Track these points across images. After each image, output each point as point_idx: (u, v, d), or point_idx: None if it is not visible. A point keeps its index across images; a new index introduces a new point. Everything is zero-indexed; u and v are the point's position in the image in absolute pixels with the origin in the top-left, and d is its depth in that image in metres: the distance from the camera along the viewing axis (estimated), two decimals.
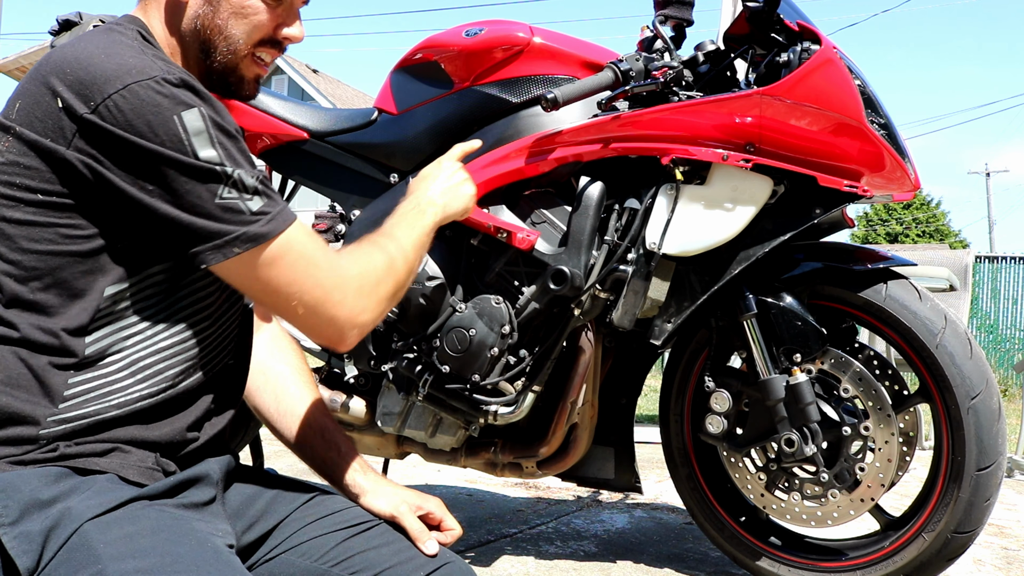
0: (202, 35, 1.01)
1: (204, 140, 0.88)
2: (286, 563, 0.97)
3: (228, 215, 0.89)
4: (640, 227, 1.71)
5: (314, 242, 0.96)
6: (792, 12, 1.72)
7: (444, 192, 1.20)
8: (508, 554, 2.09)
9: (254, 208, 0.90)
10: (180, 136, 0.87)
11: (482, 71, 1.81)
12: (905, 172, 1.67)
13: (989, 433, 1.65)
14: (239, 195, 0.90)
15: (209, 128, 0.89)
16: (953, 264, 4.24)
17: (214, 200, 0.88)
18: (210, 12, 1.00)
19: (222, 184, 0.89)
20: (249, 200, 0.90)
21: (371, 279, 0.99)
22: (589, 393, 1.88)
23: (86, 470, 0.86)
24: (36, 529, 0.78)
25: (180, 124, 0.87)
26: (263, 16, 1.02)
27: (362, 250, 1.02)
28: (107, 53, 0.88)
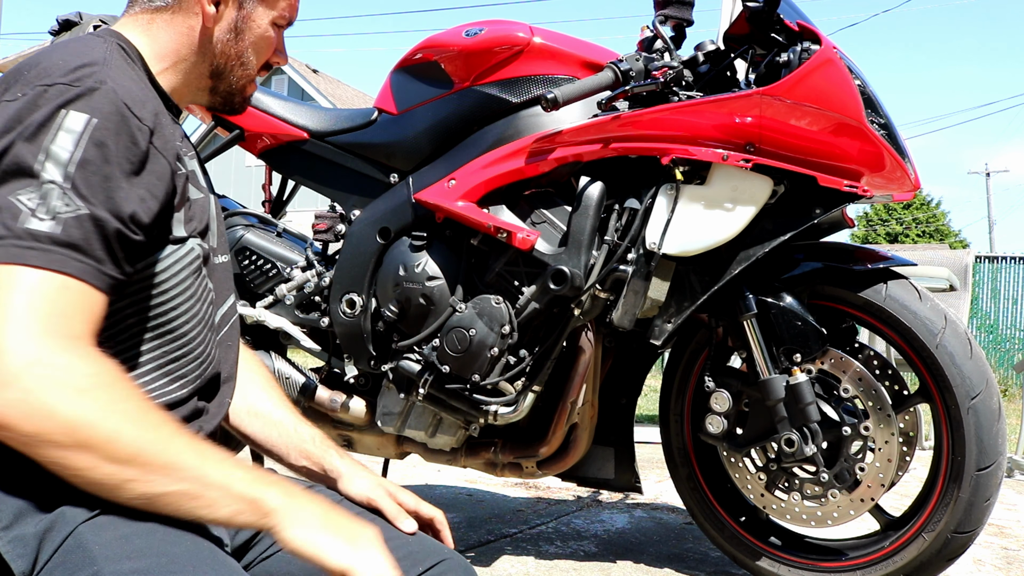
0: (220, 59, 1.02)
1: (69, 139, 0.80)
2: (283, 560, 0.97)
3: (4, 215, 0.76)
4: (640, 227, 1.71)
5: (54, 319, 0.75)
6: (792, 12, 1.72)
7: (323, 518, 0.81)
8: (508, 554, 2.09)
9: (30, 226, 0.76)
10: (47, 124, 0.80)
11: (482, 71, 1.81)
12: (905, 172, 1.67)
13: (989, 433, 1.65)
14: (33, 206, 0.77)
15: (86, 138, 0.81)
16: (953, 264, 4.24)
17: (7, 196, 0.77)
18: (232, 39, 1.02)
19: (31, 185, 0.77)
20: (37, 218, 0.76)
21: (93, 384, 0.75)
22: (589, 393, 1.88)
23: None
24: (30, 533, 0.78)
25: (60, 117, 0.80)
26: (273, 44, 1.07)
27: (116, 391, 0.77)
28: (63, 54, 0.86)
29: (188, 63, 1.02)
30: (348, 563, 0.78)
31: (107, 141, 0.82)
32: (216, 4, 1.01)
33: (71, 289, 0.77)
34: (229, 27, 1.02)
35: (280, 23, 1.07)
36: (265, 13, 1.05)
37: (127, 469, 0.74)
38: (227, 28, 1.02)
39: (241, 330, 1.54)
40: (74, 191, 0.79)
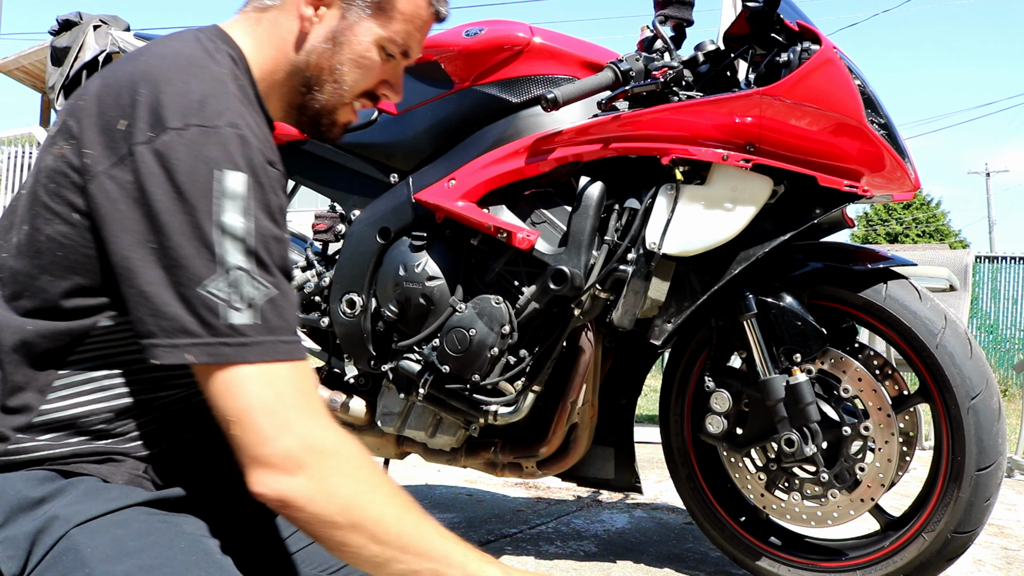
0: (312, 70, 0.96)
1: (237, 207, 0.78)
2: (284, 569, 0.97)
3: (203, 312, 0.76)
4: (640, 227, 1.71)
5: (295, 377, 0.79)
6: (792, 12, 1.72)
7: None
8: (508, 554, 2.09)
9: (234, 321, 0.77)
10: (210, 194, 0.77)
11: (482, 71, 1.81)
12: (905, 172, 1.67)
13: (989, 433, 1.65)
14: (228, 297, 0.77)
15: (251, 200, 0.79)
16: (953, 264, 4.24)
17: (196, 288, 0.76)
18: (329, 51, 0.96)
19: (217, 274, 0.77)
20: (235, 309, 0.77)
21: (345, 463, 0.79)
22: (589, 393, 1.88)
23: (72, 472, 0.83)
24: (22, 533, 0.77)
25: (220, 182, 0.78)
26: (376, 69, 0.99)
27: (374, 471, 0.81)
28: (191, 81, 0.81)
29: (284, 72, 0.96)
30: None
31: (266, 200, 0.81)
32: (316, 7, 0.95)
33: (292, 370, 0.79)
34: (327, 36, 0.95)
35: (390, 48, 0.99)
36: (370, 30, 0.96)
37: (388, 549, 0.79)
38: (325, 36, 0.95)
39: None
40: (259, 268, 0.79)
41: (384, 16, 0.97)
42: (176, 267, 0.76)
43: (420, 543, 0.80)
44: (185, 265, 0.76)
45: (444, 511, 2.57)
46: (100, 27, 2.26)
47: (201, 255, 0.76)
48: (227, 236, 0.77)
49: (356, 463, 0.80)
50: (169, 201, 0.77)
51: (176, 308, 0.76)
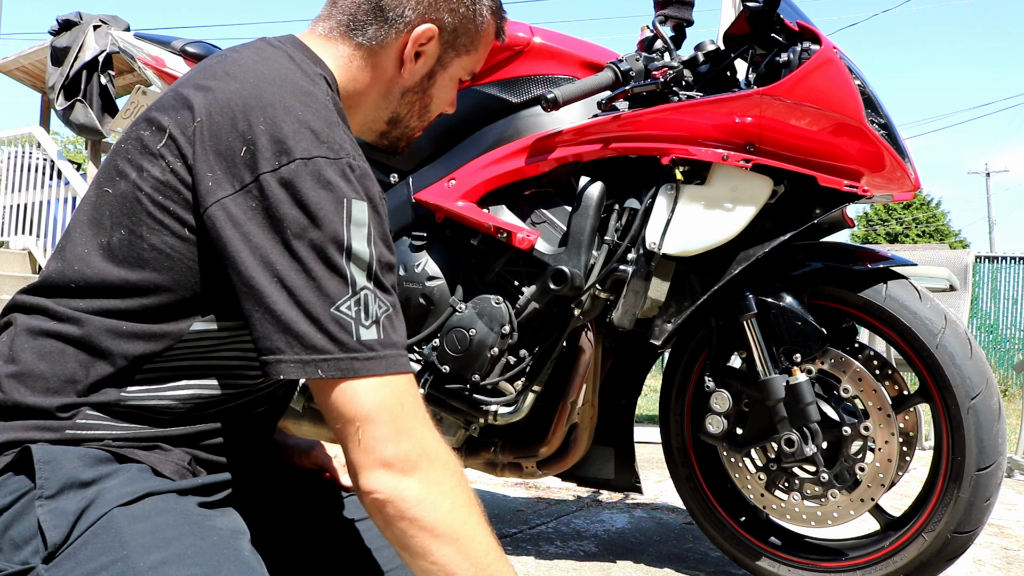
0: (401, 108, 1.03)
1: (362, 235, 0.83)
2: None
3: (334, 330, 0.81)
4: (640, 227, 1.71)
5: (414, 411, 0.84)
6: (792, 12, 1.72)
7: None
8: (508, 554, 2.08)
9: (364, 337, 0.82)
10: (341, 222, 0.82)
11: (482, 71, 1.81)
12: (905, 172, 1.67)
13: (989, 433, 1.65)
14: (356, 316, 0.82)
15: (371, 227, 0.84)
16: (953, 264, 4.25)
17: (329, 308, 0.81)
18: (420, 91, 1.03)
19: (348, 294, 0.82)
20: (364, 327, 0.82)
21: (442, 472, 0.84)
22: (589, 393, 1.88)
23: (125, 458, 0.87)
24: (71, 508, 0.80)
25: (347, 210, 0.82)
26: (453, 98, 1.08)
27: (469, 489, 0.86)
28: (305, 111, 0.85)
29: (371, 105, 1.01)
30: None
31: (382, 228, 0.87)
32: (416, 57, 0.99)
33: (409, 381, 0.84)
34: (422, 79, 1.01)
35: (465, 77, 1.06)
36: (459, 70, 1.04)
37: (473, 569, 0.82)
38: (419, 80, 1.01)
39: None
40: (379, 289, 0.84)
41: (471, 55, 1.04)
42: (307, 288, 0.81)
43: (500, 571, 0.84)
44: (318, 286, 0.81)
45: None
46: (100, 27, 2.27)
47: (333, 277, 0.81)
48: (354, 260, 0.82)
49: (461, 478, 0.85)
50: (299, 227, 0.81)
51: (305, 326, 0.80)
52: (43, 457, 0.82)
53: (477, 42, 1.04)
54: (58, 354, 0.85)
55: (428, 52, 1.00)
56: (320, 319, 0.80)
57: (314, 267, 0.81)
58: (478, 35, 1.03)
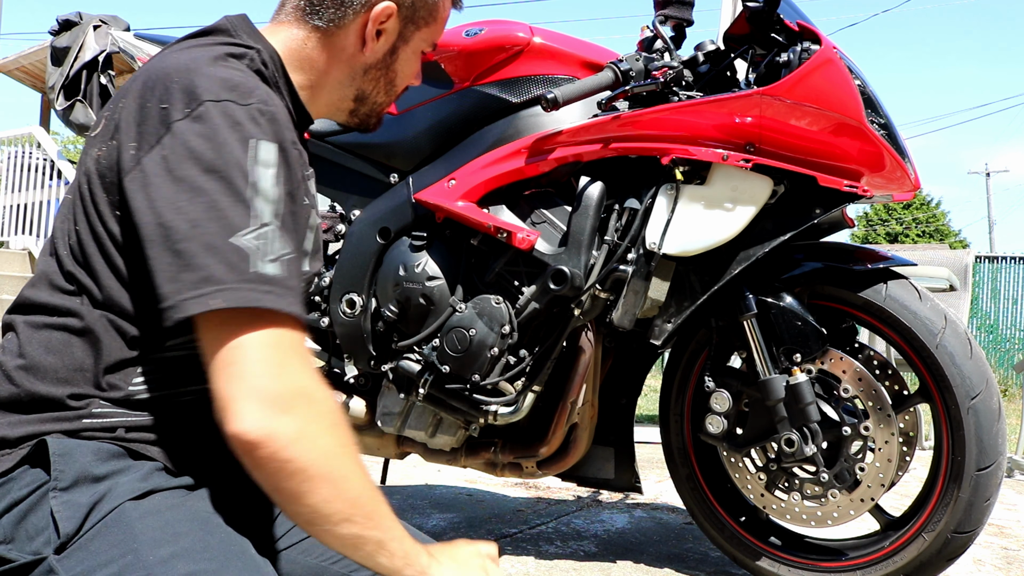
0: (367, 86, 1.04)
1: (269, 174, 0.82)
2: (288, 560, 0.98)
3: (232, 258, 0.78)
4: (640, 227, 1.71)
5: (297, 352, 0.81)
6: (792, 12, 1.72)
7: None
8: (508, 554, 2.09)
9: (262, 270, 0.79)
10: (246, 158, 0.81)
11: (482, 71, 1.81)
12: (905, 172, 1.67)
13: (989, 433, 1.65)
14: (257, 248, 0.79)
15: (279, 169, 0.84)
16: (953, 264, 4.25)
17: (229, 237, 0.78)
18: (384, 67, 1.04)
19: (251, 227, 0.79)
20: (263, 261, 0.79)
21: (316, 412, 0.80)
22: (589, 393, 1.88)
23: (138, 454, 0.88)
24: (83, 501, 0.81)
25: (254, 148, 0.82)
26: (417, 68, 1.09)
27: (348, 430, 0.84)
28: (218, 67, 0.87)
29: (335, 84, 1.03)
30: None
31: (291, 175, 0.86)
32: (377, 35, 1.01)
33: (300, 327, 0.82)
34: (384, 55, 1.03)
35: (426, 49, 1.08)
36: (420, 43, 1.06)
37: (348, 508, 0.80)
38: (382, 56, 1.03)
39: None
40: (285, 231, 0.83)
41: (430, 27, 1.06)
42: (209, 219, 0.78)
43: (376, 511, 0.82)
44: (220, 217, 0.79)
45: (444, 511, 2.57)
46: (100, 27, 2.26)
47: (237, 208, 0.79)
48: (260, 195, 0.81)
49: (337, 419, 0.82)
50: (205, 163, 0.80)
51: (205, 259, 0.77)
52: (58, 450, 0.83)
53: (436, 12, 1.06)
54: (64, 345, 0.87)
55: (389, 29, 1.01)
56: (221, 249, 0.78)
57: (219, 199, 0.79)
58: (436, 6, 1.05)
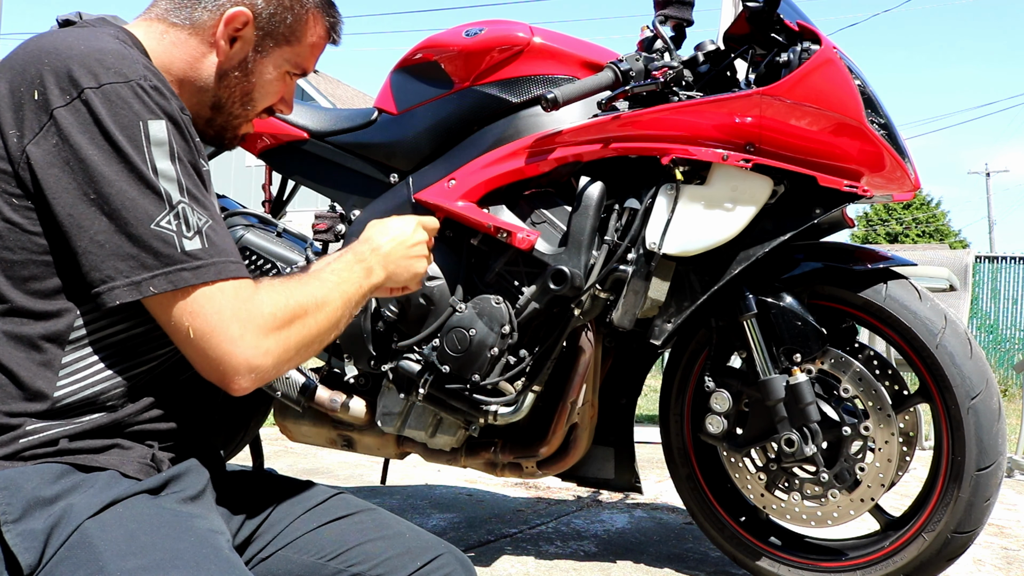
0: (223, 93, 1.03)
1: (164, 153, 0.86)
2: (283, 559, 0.98)
3: (157, 246, 0.84)
4: (640, 227, 1.71)
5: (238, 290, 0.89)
6: (792, 12, 1.72)
7: (398, 260, 1.10)
8: (508, 554, 2.09)
9: (188, 248, 0.85)
10: (141, 142, 0.85)
11: (482, 71, 1.81)
12: (905, 172, 1.67)
13: (989, 433, 1.65)
14: (177, 229, 0.85)
15: (172, 143, 0.87)
16: (953, 264, 4.25)
17: (150, 225, 0.83)
18: (241, 79, 1.03)
19: (165, 210, 0.85)
20: (187, 238, 0.85)
21: (281, 320, 0.91)
22: (589, 393, 1.88)
23: (87, 467, 0.86)
24: (39, 528, 0.79)
25: (144, 130, 0.85)
26: (280, 91, 1.08)
27: (284, 288, 0.94)
28: (92, 45, 0.88)
29: (192, 87, 1.02)
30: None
31: (185, 142, 0.89)
32: (232, 42, 1.01)
33: (243, 286, 0.89)
34: (240, 66, 1.02)
35: (293, 72, 1.07)
36: (281, 60, 1.05)
37: (309, 322, 0.94)
38: (237, 66, 1.02)
39: None
40: (195, 202, 0.87)
41: (292, 47, 1.05)
42: (124, 211, 0.83)
43: (321, 298, 0.96)
44: (134, 207, 0.83)
45: (444, 511, 2.57)
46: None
47: (147, 196, 0.84)
48: (163, 177, 0.85)
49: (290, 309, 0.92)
50: (103, 153, 0.83)
51: (130, 248, 0.83)
52: (0, 483, 0.81)
53: (299, 34, 1.05)
54: None
55: (244, 37, 1.01)
56: (142, 237, 0.83)
57: (126, 189, 0.83)
58: (299, 26, 1.04)
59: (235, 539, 0.97)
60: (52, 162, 0.83)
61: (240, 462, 2.82)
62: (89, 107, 0.83)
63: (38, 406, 0.86)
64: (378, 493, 2.80)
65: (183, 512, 0.87)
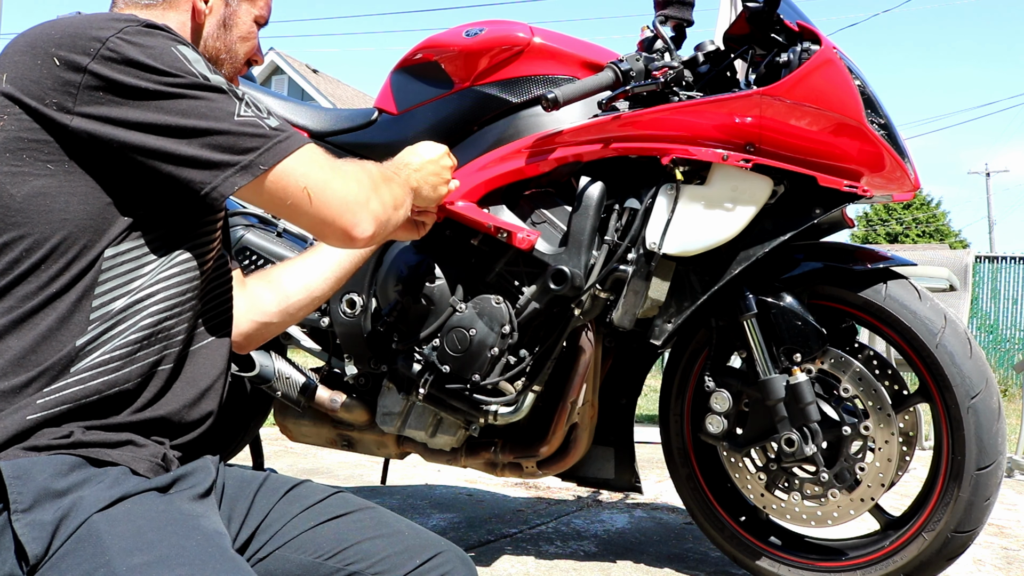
0: (209, 52, 1.10)
1: (204, 66, 0.93)
2: (281, 559, 0.98)
3: (251, 129, 0.92)
4: (640, 227, 1.71)
5: (325, 157, 1.01)
6: (792, 12, 1.72)
7: (426, 176, 1.26)
8: (508, 554, 2.09)
9: (273, 125, 0.94)
10: (183, 63, 0.90)
11: (482, 71, 1.81)
12: (905, 172, 1.68)
13: (989, 433, 1.65)
14: (256, 113, 0.93)
15: (204, 60, 0.94)
16: (953, 264, 4.25)
17: (234, 117, 0.91)
18: (222, 34, 1.11)
19: (239, 101, 0.92)
20: (266, 119, 0.94)
21: (377, 181, 1.07)
22: (589, 393, 1.88)
23: (100, 461, 0.86)
24: (47, 519, 0.79)
25: (180, 54, 0.91)
26: (256, 40, 1.16)
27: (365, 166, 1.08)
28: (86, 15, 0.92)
29: None
30: None
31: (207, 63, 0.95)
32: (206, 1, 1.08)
33: (322, 151, 1.01)
34: (218, 22, 1.10)
35: (260, 21, 1.15)
36: (248, 10, 1.13)
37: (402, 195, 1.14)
38: (216, 23, 1.10)
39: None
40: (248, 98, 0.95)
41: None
42: (205, 118, 0.90)
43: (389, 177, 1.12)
44: (211, 111, 0.90)
45: (444, 511, 2.57)
46: None
47: (217, 99, 0.91)
48: (217, 83, 0.92)
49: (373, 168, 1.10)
50: (153, 81, 0.88)
51: (226, 140, 0.90)
52: (13, 472, 0.81)
53: None
54: None
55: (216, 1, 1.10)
56: (233, 130, 0.91)
57: (197, 100, 0.90)
58: None
59: (234, 539, 0.97)
60: (108, 112, 0.87)
61: (240, 462, 2.82)
62: (119, 51, 0.87)
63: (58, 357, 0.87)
64: (378, 493, 2.80)
65: (190, 511, 0.87)
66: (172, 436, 0.96)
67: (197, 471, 0.94)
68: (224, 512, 0.99)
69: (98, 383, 0.89)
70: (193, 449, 0.99)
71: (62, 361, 0.87)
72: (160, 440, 0.94)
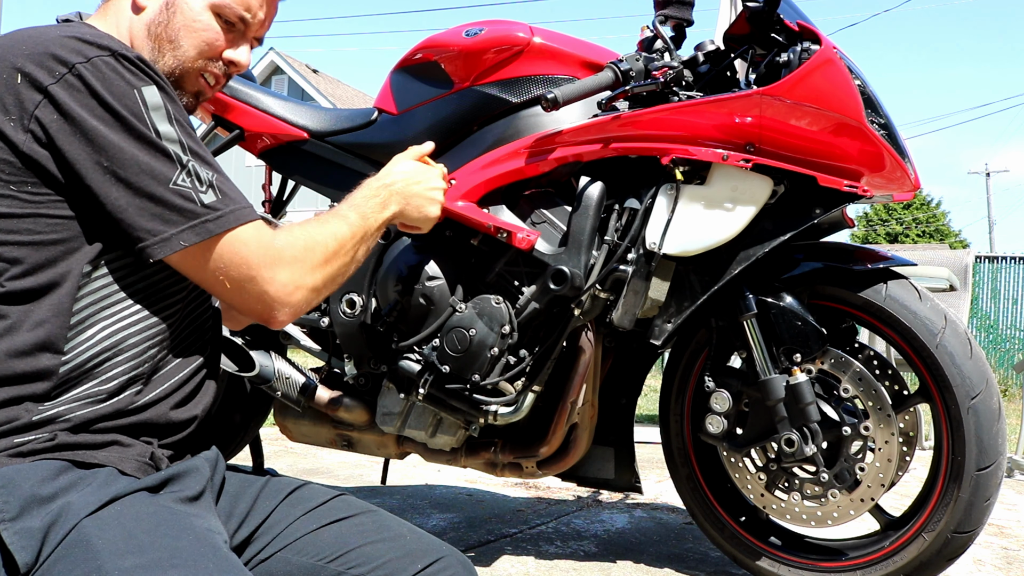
0: (153, 41, 1.04)
1: (162, 116, 0.90)
2: (282, 561, 0.97)
3: (180, 202, 0.89)
4: (640, 227, 1.71)
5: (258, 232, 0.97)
6: (792, 12, 1.72)
7: (414, 196, 1.24)
8: (508, 554, 2.09)
9: (207, 201, 0.91)
10: (140, 109, 0.88)
11: (482, 71, 1.81)
12: (905, 172, 1.67)
13: (989, 433, 1.65)
14: (193, 185, 0.91)
15: (167, 107, 0.91)
16: (953, 264, 4.25)
17: (168, 185, 0.89)
18: (164, 21, 1.04)
19: (177, 169, 0.90)
20: (202, 192, 0.91)
21: (312, 258, 1.01)
22: (589, 393, 1.88)
23: (86, 463, 0.86)
24: (36, 526, 0.79)
25: (140, 97, 0.89)
26: (212, 34, 1.05)
27: (301, 227, 1.04)
28: (63, 32, 0.90)
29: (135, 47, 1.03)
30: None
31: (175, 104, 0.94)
32: None
33: (260, 226, 0.96)
34: (161, 7, 1.04)
35: (225, 14, 1.06)
36: None
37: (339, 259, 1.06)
38: (158, 8, 1.04)
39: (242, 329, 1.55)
40: (199, 160, 0.93)
41: None
42: (141, 175, 0.88)
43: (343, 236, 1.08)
44: (150, 171, 0.88)
45: (444, 511, 2.57)
46: None
47: (159, 159, 0.89)
48: (167, 140, 0.90)
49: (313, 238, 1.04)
50: (105, 124, 0.87)
51: (155, 208, 0.89)
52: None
53: None
54: None
55: None
56: (164, 198, 0.89)
57: (137, 155, 0.88)
58: None
59: (233, 539, 0.97)
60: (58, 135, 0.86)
61: (240, 462, 2.82)
62: (83, 81, 0.86)
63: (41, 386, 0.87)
64: (378, 493, 2.80)
65: (181, 511, 0.86)
66: (160, 436, 0.95)
67: (189, 472, 0.93)
68: (224, 508, 0.99)
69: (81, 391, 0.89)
70: (184, 448, 0.98)
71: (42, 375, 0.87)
72: (148, 440, 0.93)
